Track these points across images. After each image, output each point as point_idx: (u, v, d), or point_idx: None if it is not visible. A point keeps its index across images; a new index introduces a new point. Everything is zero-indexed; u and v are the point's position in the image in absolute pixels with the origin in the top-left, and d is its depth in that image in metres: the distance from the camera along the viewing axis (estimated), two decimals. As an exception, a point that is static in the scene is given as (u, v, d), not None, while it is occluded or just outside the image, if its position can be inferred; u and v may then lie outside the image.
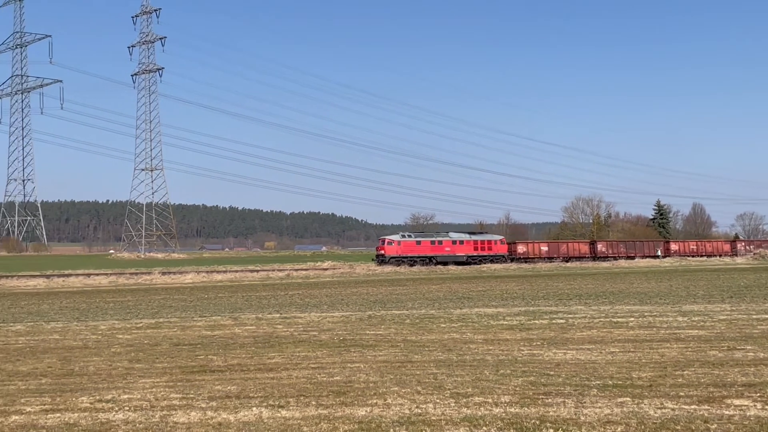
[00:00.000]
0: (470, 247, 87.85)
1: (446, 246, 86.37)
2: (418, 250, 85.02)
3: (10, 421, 12.20)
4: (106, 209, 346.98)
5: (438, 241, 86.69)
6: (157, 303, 38.94)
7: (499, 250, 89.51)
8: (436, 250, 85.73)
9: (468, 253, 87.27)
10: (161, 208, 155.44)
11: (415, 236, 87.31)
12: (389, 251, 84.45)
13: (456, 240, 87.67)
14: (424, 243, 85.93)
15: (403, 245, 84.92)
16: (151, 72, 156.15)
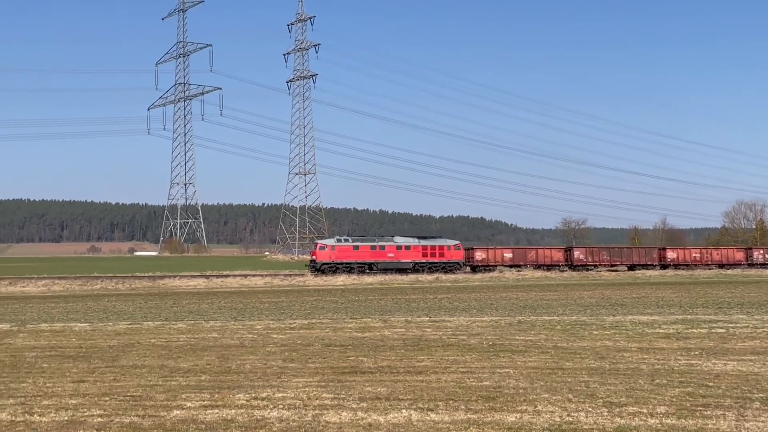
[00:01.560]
0: (417, 253, 79.76)
1: (389, 252, 78.77)
2: (356, 256, 77.99)
3: (172, 415, 12.76)
4: (262, 212, 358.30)
5: (380, 246, 79.22)
6: (310, 304, 39.82)
7: (453, 256, 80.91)
8: (377, 255, 78.46)
9: (415, 260, 79.24)
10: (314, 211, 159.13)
11: (353, 240, 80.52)
12: (321, 257, 77.39)
13: (401, 245, 79.74)
14: (363, 248, 78.70)
15: (337, 250, 77.99)
16: (305, 78, 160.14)
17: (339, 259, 77.17)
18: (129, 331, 26.24)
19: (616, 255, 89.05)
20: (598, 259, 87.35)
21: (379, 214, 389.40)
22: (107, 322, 30.20)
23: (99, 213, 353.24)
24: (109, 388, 15.24)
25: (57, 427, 11.98)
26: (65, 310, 37.19)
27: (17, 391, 14.94)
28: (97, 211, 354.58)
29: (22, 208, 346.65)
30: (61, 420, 12.43)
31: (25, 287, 57.87)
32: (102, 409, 13.17)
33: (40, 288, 57.74)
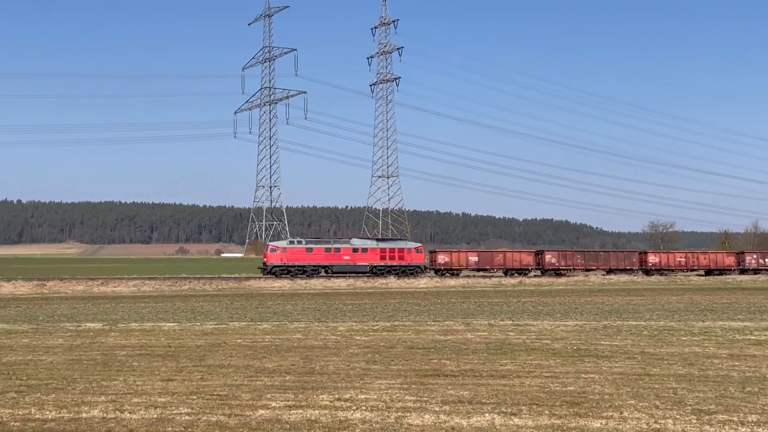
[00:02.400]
0: (375, 255, 75.95)
1: (345, 254, 75.22)
2: (309, 259, 74.42)
3: (257, 414, 12.95)
4: (345, 214, 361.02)
5: (335, 248, 75.86)
6: (393, 306, 39.92)
7: (414, 259, 77.11)
8: (332, 258, 74.94)
9: (372, 263, 75.42)
10: (396, 213, 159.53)
11: (306, 242, 77.08)
12: (272, 259, 74.09)
13: (358, 247, 76.45)
14: (317, 250, 75.19)
15: (289, 252, 74.30)
16: (389, 81, 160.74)
17: (291, 262, 73.71)
18: (216, 332, 26.73)
19: (591, 259, 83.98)
20: (572, 263, 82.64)
21: (461, 217, 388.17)
22: (195, 322, 30.82)
23: (187, 215, 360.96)
24: (196, 387, 15.56)
25: (146, 424, 12.29)
26: (155, 309, 38.10)
27: (108, 389, 15.37)
28: (185, 213, 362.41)
29: (114, 211, 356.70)
30: (150, 418, 12.74)
31: (117, 287, 59.49)
32: (190, 408, 13.46)
33: (130, 288, 59.26)
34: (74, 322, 30.71)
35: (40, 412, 13.15)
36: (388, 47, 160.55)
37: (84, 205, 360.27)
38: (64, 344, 23.17)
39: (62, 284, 60.12)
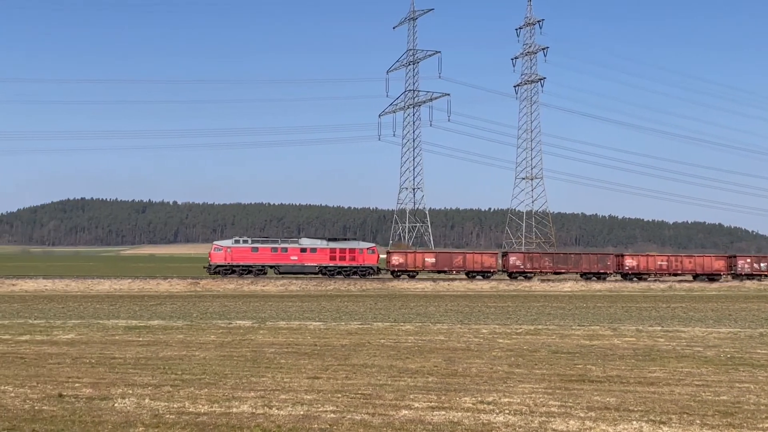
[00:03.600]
0: (324, 256, 72.84)
1: (292, 254, 72.40)
2: (255, 258, 71.72)
3: (400, 415, 13.06)
4: (488, 217, 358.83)
5: (282, 248, 72.95)
6: (536, 310, 39.44)
7: (366, 260, 73.53)
8: (279, 258, 72.06)
9: (321, 263, 72.37)
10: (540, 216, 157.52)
11: (252, 241, 74.03)
12: (215, 259, 71.38)
13: (306, 247, 73.34)
14: (264, 250, 72.39)
15: (233, 252, 71.79)
16: (533, 82, 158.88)
17: (236, 261, 71.29)
18: (360, 331, 27.11)
19: (561, 261, 77.66)
20: (539, 266, 76.78)
21: (608, 220, 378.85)
22: (340, 321, 31.36)
23: (332, 216, 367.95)
24: (341, 385, 15.83)
25: (293, 420, 12.59)
26: (301, 309, 38.99)
27: (257, 385, 15.84)
28: (330, 214, 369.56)
29: (263, 212, 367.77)
30: (297, 414, 13.05)
31: (265, 286, 61.24)
32: (335, 406, 13.70)
33: (278, 287, 60.88)
34: (225, 320, 31.82)
35: (194, 405, 13.69)
36: (532, 48, 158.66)
37: (235, 206, 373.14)
38: (215, 341, 24.04)
39: (214, 283, 62.39)
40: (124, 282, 61.32)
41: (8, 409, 13.24)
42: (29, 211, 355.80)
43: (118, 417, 12.69)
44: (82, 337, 25.01)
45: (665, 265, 78.09)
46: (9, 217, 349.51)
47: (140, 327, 28.43)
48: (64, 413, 12.90)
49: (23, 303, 42.56)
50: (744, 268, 78.91)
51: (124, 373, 17.35)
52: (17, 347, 22.11)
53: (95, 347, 22.23)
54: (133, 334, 25.82)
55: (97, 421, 12.37)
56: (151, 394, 14.65)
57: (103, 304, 42.11)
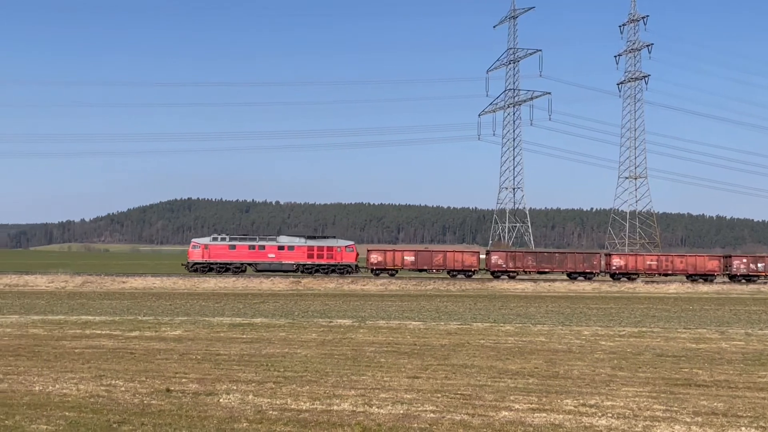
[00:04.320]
0: (302, 253, 72.37)
1: (269, 252, 72.12)
2: (232, 256, 71.70)
3: (500, 416, 12.99)
4: (590, 217, 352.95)
5: (259, 245, 72.62)
6: (640, 312, 38.63)
7: (344, 258, 72.75)
8: (256, 256, 71.89)
9: (299, 261, 71.91)
10: (644, 216, 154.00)
11: (229, 239, 73.76)
12: (193, 256, 71.65)
13: (284, 245, 72.82)
14: (241, 247, 72.30)
15: (211, 249, 71.92)
16: (637, 80, 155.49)
17: (213, 259, 71.55)
18: (459, 331, 27.06)
19: (545, 261, 74.86)
20: (522, 265, 73.90)
21: (716, 220, 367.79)
22: (439, 321, 31.37)
23: (432, 217, 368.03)
24: (440, 385, 15.84)
25: (393, 419, 12.66)
26: (400, 308, 39.16)
27: (358, 383, 15.99)
28: (429, 214, 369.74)
29: (363, 212, 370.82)
30: (396, 413, 13.12)
31: (365, 285, 61.71)
32: (434, 405, 13.73)
33: (378, 287, 61.28)
34: (326, 318, 32.21)
35: (296, 402, 13.92)
36: (636, 44, 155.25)
37: (335, 206, 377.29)
38: (316, 339, 24.37)
39: (315, 281, 63.20)
40: (228, 280, 62.73)
41: (119, 402, 13.73)
42: (139, 211, 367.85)
43: (223, 412, 13.01)
44: (188, 333, 25.72)
45: (655, 265, 75.29)
46: (120, 216, 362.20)
47: (244, 324, 29.05)
48: (171, 407, 13.30)
49: (133, 300, 44.01)
50: (739, 268, 75.56)
51: (229, 369, 17.77)
52: (127, 343, 22.89)
53: (201, 344, 22.83)
54: (237, 332, 26.40)
55: (203, 416, 12.71)
56: (254, 391, 14.96)
57: (208, 301, 43.19)
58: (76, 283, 59.76)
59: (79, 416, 12.49)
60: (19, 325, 28.15)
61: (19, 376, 16.41)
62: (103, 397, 14.17)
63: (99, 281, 61.13)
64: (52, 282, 60.40)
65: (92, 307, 38.38)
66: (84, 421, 12.14)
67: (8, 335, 24.67)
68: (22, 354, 20.05)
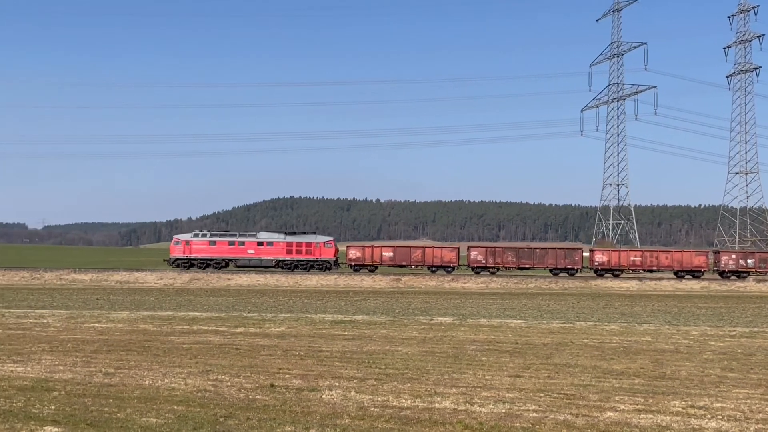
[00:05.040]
0: (281, 249, 72.97)
1: (249, 248, 72.95)
2: (213, 252, 72.77)
3: (605, 416, 12.74)
4: (698, 214, 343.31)
5: (239, 241, 73.40)
6: (751, 311, 37.37)
7: (323, 254, 73.05)
8: (236, 252, 72.84)
9: (278, 257, 72.62)
10: (756, 213, 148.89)
11: (210, 235, 74.89)
12: (175, 252, 72.96)
13: (263, 241, 73.58)
14: (221, 243, 73.31)
15: (192, 245, 72.99)
16: (748, 72, 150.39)
17: (194, 255, 72.69)
18: (562, 330, 26.69)
19: (525, 256, 72.88)
20: (501, 261, 72.55)
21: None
22: (541, 320, 31.01)
23: (533, 214, 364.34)
24: (543, 384, 15.65)
25: (495, 418, 12.57)
26: (502, 306, 38.87)
27: (459, 382, 15.94)
28: (531, 212, 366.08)
29: (463, 209, 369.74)
30: (498, 412, 13.02)
31: (466, 284, 61.50)
32: (537, 405, 13.57)
33: (479, 285, 61.00)
34: (427, 316, 32.23)
35: (397, 399, 13.96)
36: (747, 36, 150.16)
37: (436, 204, 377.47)
38: (417, 336, 24.40)
39: (416, 279, 63.33)
40: (330, 278, 63.48)
41: (225, 397, 14.03)
42: (243, 210, 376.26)
43: (326, 408, 13.15)
44: (291, 330, 26.11)
45: (639, 261, 73.11)
46: (224, 215, 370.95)
47: (345, 321, 29.32)
48: (275, 403, 13.52)
49: (238, 297, 44.97)
50: (728, 264, 72.92)
51: (331, 366, 17.95)
52: (233, 339, 23.39)
53: (304, 340, 23.14)
54: (339, 329, 26.66)
55: (306, 411, 12.87)
56: (356, 387, 15.08)
57: (311, 298, 43.77)
58: (184, 281, 61.46)
59: (187, 410, 12.82)
60: (130, 321, 29.11)
61: (130, 370, 16.96)
62: (210, 392, 14.51)
63: (205, 278, 62.73)
64: (160, 279, 62.31)
65: (199, 303, 39.39)
66: (192, 414, 12.45)
67: (120, 331, 25.54)
68: (133, 349, 20.72)
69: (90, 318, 30.00)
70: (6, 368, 17.02)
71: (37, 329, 25.72)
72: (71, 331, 25.40)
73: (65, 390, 14.48)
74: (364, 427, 11.79)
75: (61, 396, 13.90)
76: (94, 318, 30.02)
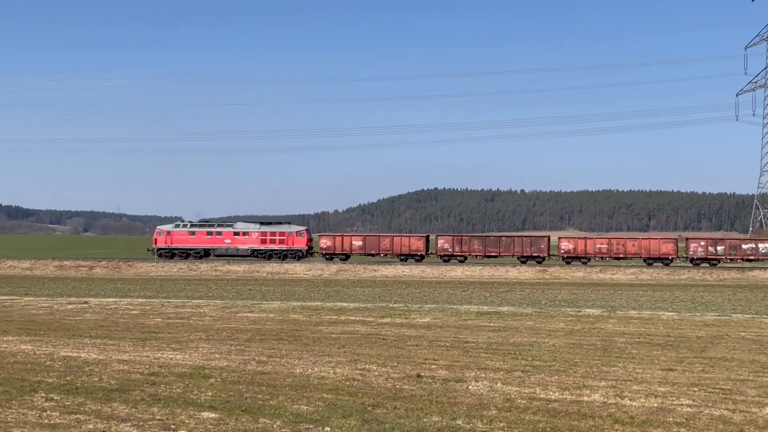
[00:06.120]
0: (256, 239, 75.01)
1: (226, 237, 75.33)
2: (192, 242, 75.70)
3: (764, 413, 12.20)
4: None
5: (217, 231, 76.10)
6: None
7: (295, 243, 74.69)
8: (214, 241, 75.44)
9: (253, 246, 74.77)
10: None
11: (190, 225, 77.61)
12: (158, 242, 76.24)
13: (239, 231, 75.83)
14: (200, 234, 75.84)
15: (173, 236, 76.11)
16: None
17: (175, 245, 75.83)
18: (717, 323, 25.73)
19: (491, 245, 73.26)
20: (468, 249, 73.00)
21: None
22: (695, 312, 30.00)
23: (685, 203, 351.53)
24: (697, 378, 15.14)
25: (647, 412, 12.25)
26: (652, 298, 37.81)
27: (608, 375, 15.62)
28: (683, 201, 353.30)
29: (611, 199, 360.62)
30: (650, 406, 12.68)
31: (614, 275, 60.17)
32: (691, 399, 13.13)
33: (628, 276, 59.56)
34: (574, 308, 31.73)
35: (544, 392, 13.82)
36: None
37: (582, 193, 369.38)
38: (564, 328, 24.07)
39: (562, 271, 62.43)
40: (475, 269, 63.39)
41: (373, 386, 14.26)
42: (388, 201, 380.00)
43: (472, 399, 13.16)
44: (437, 321, 26.25)
45: (605, 249, 71.55)
46: (370, 207, 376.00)
47: (491, 313, 29.23)
48: (422, 393, 13.63)
49: (384, 288, 45.57)
50: (697, 251, 69.93)
51: (477, 357, 17.94)
52: (379, 329, 23.73)
53: (449, 331, 23.22)
54: (485, 320, 26.61)
55: (453, 402, 12.92)
56: (502, 379, 15.02)
57: (455, 289, 43.87)
58: (331, 272, 62.79)
59: (336, 398, 13.11)
60: (280, 310, 29.99)
61: (282, 358, 17.47)
62: (358, 381, 14.77)
63: (352, 269, 63.90)
64: (309, 270, 63.89)
65: (346, 294, 40.18)
66: (341, 403, 12.72)
67: (271, 320, 26.35)
68: (284, 338, 21.34)
69: (243, 308, 31.12)
70: (166, 355, 17.87)
71: (194, 318, 26.89)
72: (226, 320, 26.42)
73: (221, 377, 15.07)
74: (511, 419, 11.73)
75: (217, 383, 14.47)
76: (247, 308, 31.11)
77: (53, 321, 25.98)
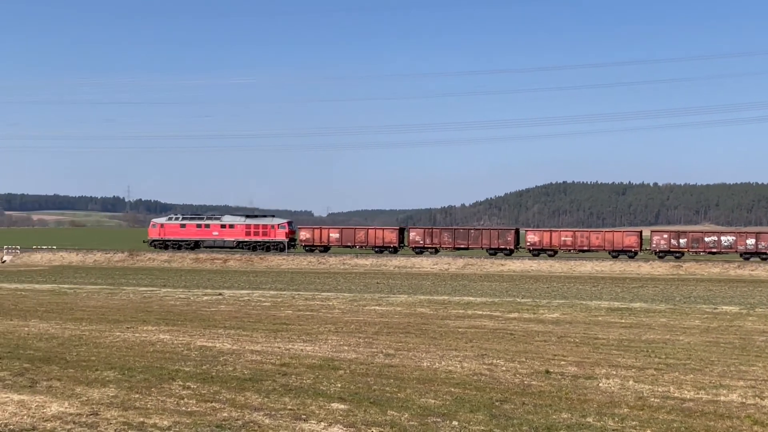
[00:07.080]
0: (241, 231, 77.78)
1: (214, 230, 78.57)
2: (183, 234, 79.27)
3: None
4: None
5: (205, 224, 79.24)
6: None
7: (276, 236, 77.18)
8: (202, 234, 78.82)
9: (239, 238, 77.69)
10: None
11: (182, 218, 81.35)
12: (152, 234, 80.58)
13: (226, 224, 78.72)
14: (190, 226, 79.40)
15: (166, 228, 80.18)
16: None
17: (167, 237, 79.35)
18: None
19: (460, 237, 74.76)
20: (439, 242, 75.00)
21: None
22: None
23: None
24: (844, 381, 14.37)
25: (789, 414, 11.71)
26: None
27: (747, 374, 15.02)
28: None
29: (750, 192, 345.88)
30: (793, 408, 12.12)
31: (754, 271, 57.84)
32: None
33: (766, 272, 57.19)
34: (710, 305, 30.67)
35: (679, 390, 13.40)
36: None
37: (719, 186, 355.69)
38: (700, 326, 23.30)
39: (698, 266, 60.46)
40: (605, 264, 62.15)
41: (500, 381, 14.16)
42: (515, 195, 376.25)
43: (603, 396, 12.89)
44: (566, 316, 25.85)
45: (570, 241, 73.10)
46: (497, 201, 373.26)
47: (622, 309, 28.58)
48: (551, 389, 13.45)
49: (511, 282, 45.22)
50: (659, 244, 70.20)
51: (607, 353, 17.57)
52: (507, 324, 23.55)
53: (579, 327, 22.83)
54: (615, 316, 26.04)
55: (583, 399, 12.69)
56: (634, 377, 14.65)
57: (585, 285, 43.10)
58: (458, 266, 62.76)
59: (463, 392, 13.08)
60: (408, 304, 30.17)
61: (409, 352, 17.56)
62: (486, 376, 14.70)
63: (479, 264, 63.69)
64: (436, 264, 64.05)
65: (473, 288, 40.06)
66: (468, 397, 12.68)
67: (398, 314, 26.54)
68: (411, 331, 21.45)
69: (371, 301, 31.46)
70: (297, 347, 18.25)
71: (323, 311, 27.37)
72: (354, 313, 26.78)
73: (349, 369, 15.27)
74: (643, 418, 11.42)
75: (346, 375, 14.67)
76: (374, 301, 31.44)
77: (190, 312, 26.93)
